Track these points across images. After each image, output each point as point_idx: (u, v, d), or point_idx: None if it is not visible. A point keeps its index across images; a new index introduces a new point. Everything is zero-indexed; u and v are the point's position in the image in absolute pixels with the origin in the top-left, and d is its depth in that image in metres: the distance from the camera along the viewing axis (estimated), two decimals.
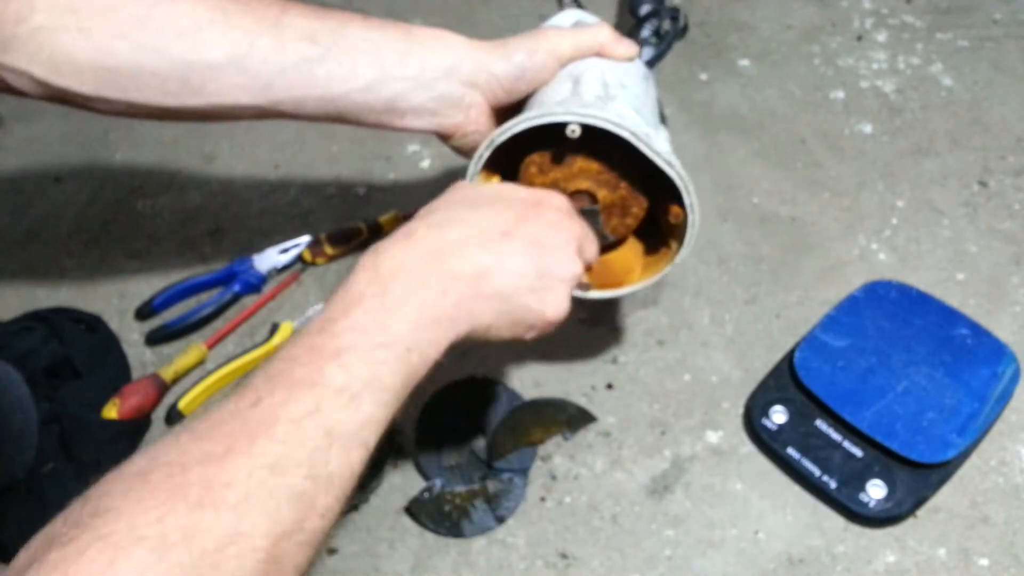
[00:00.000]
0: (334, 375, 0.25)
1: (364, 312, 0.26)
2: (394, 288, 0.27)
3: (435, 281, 0.28)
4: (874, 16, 0.68)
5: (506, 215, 0.30)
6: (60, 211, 0.59)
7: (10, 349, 0.46)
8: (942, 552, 0.40)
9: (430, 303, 0.27)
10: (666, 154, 0.33)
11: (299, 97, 0.34)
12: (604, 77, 0.36)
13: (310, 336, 0.26)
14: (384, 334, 0.26)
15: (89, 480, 0.45)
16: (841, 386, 0.44)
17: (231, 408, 0.24)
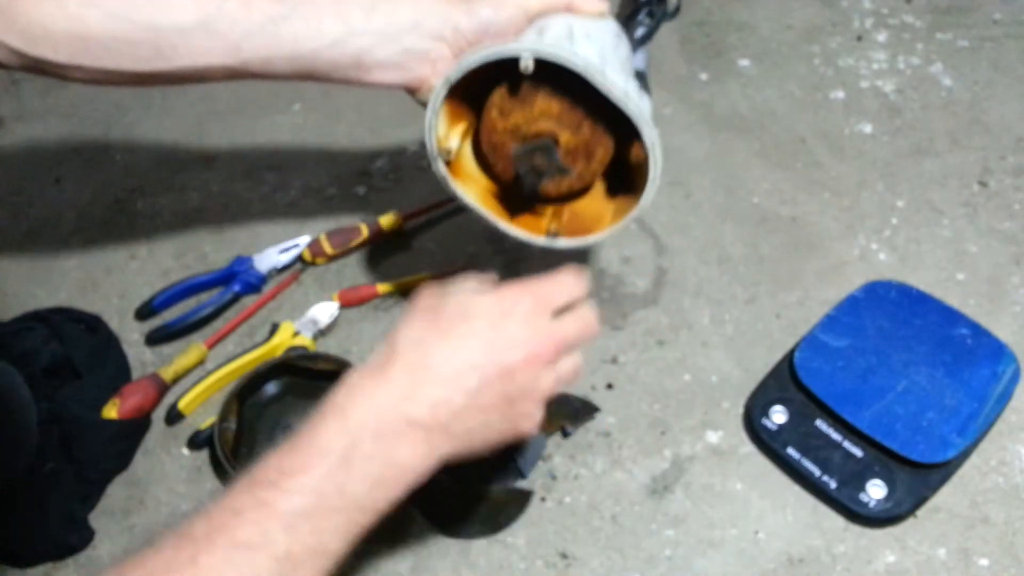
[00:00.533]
0: (279, 541, 0.24)
1: (327, 474, 0.25)
2: (362, 443, 0.26)
3: (406, 434, 0.27)
4: (874, 16, 0.68)
5: (475, 343, 0.28)
6: (60, 211, 0.59)
7: (10, 349, 0.46)
8: (942, 552, 0.40)
9: (397, 459, 0.27)
10: (620, 87, 0.32)
11: (267, 57, 0.35)
12: (571, 27, 0.35)
13: (263, 488, 0.25)
14: (341, 499, 0.25)
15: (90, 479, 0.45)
16: (841, 386, 0.44)
17: (167, 558, 0.23)
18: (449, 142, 0.37)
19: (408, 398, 0.27)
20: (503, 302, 0.29)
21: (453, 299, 0.30)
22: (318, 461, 0.25)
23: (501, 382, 0.28)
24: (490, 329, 0.29)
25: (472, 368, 0.28)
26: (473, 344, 0.28)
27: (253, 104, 0.64)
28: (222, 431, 0.43)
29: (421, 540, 0.42)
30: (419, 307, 0.30)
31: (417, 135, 0.62)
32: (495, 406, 0.28)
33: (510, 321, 0.29)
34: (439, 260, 0.54)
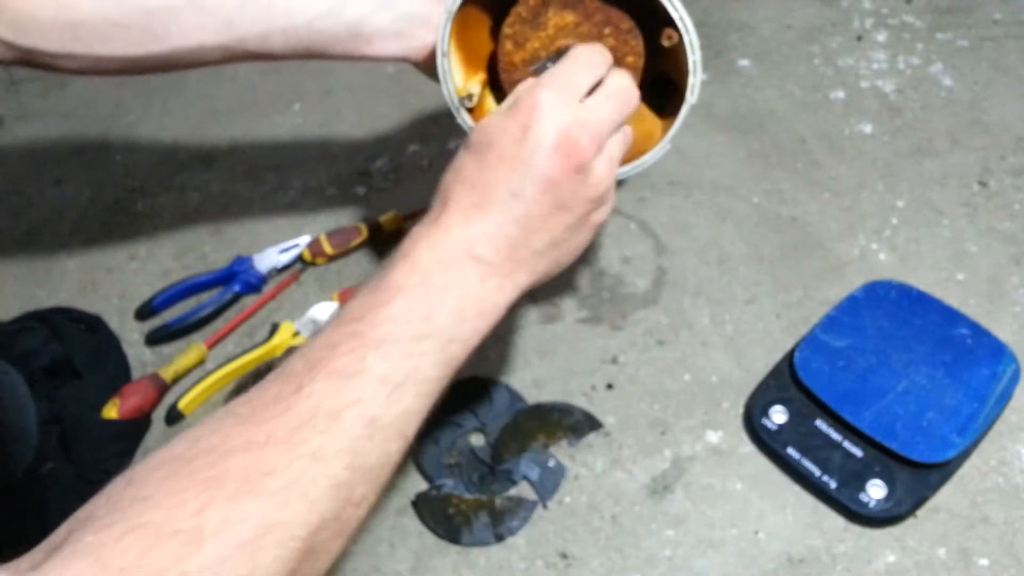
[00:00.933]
0: (376, 365, 0.24)
1: (406, 302, 0.25)
2: (433, 278, 0.26)
3: (474, 269, 0.27)
4: (874, 16, 0.68)
5: (505, 167, 0.27)
6: (60, 212, 0.59)
7: (10, 349, 0.46)
8: (942, 552, 0.40)
9: (472, 294, 0.27)
10: None
11: (262, 32, 0.34)
12: None
13: (350, 323, 0.25)
14: (426, 325, 0.25)
15: (90, 479, 0.45)
16: (841, 386, 0.44)
17: (274, 393, 0.24)
18: (469, 87, 0.34)
19: (466, 239, 0.27)
20: (520, 109, 0.27)
21: (479, 128, 0.28)
22: (395, 295, 0.25)
23: (548, 195, 0.27)
24: (515, 144, 0.27)
25: (512, 194, 0.27)
26: (503, 169, 0.27)
27: (253, 104, 0.64)
28: None
29: (421, 540, 0.42)
30: (464, 146, 0.29)
31: (416, 134, 0.62)
32: (554, 220, 0.28)
33: (534, 128, 0.27)
34: None
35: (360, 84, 0.65)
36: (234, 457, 0.22)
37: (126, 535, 0.20)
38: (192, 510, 0.21)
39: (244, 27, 0.34)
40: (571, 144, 0.27)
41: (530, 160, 0.27)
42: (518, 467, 0.43)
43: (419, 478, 0.44)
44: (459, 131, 0.62)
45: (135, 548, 0.20)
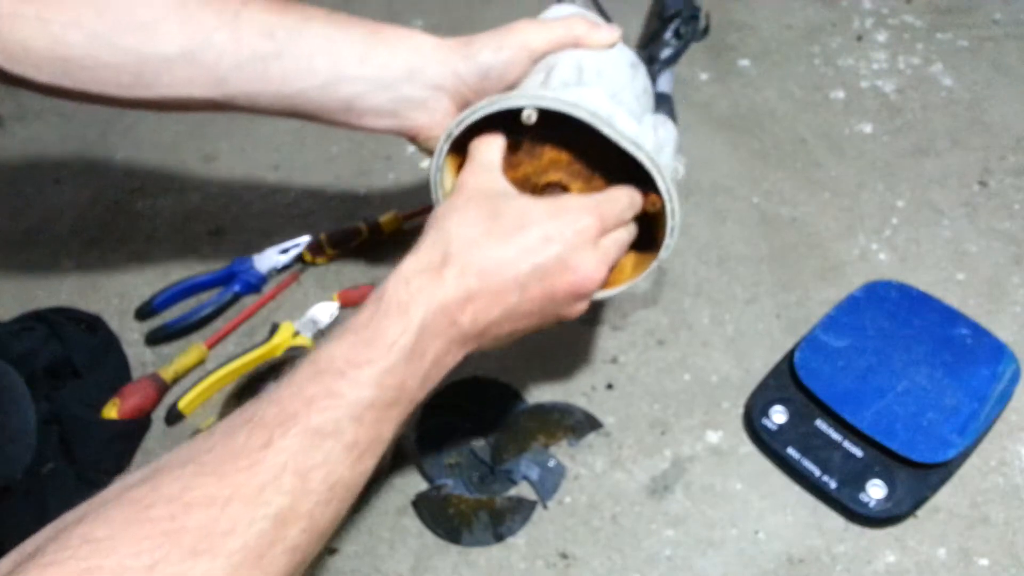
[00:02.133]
0: (348, 429, 0.25)
1: (390, 368, 0.26)
2: (419, 343, 0.27)
3: (453, 339, 0.28)
4: (874, 16, 0.68)
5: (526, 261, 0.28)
6: (60, 212, 0.59)
7: (10, 349, 0.46)
8: (942, 552, 0.40)
9: (442, 360, 0.28)
10: (632, 135, 0.30)
11: (253, 92, 0.34)
12: (580, 64, 0.34)
13: (331, 376, 0.25)
14: (399, 392, 0.26)
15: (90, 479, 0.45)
16: (841, 386, 0.44)
17: (241, 443, 0.24)
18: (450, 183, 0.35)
19: (458, 307, 0.27)
20: (563, 219, 0.29)
21: (513, 203, 0.29)
22: (384, 355, 0.26)
23: (541, 302, 0.29)
24: (543, 246, 0.28)
25: (518, 286, 0.28)
26: (524, 261, 0.28)
27: None
28: None
29: (421, 540, 0.42)
30: (474, 196, 0.29)
31: None
32: (529, 318, 0.29)
33: (565, 244, 0.29)
34: None
35: None
36: (195, 511, 0.22)
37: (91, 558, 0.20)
38: (145, 563, 0.20)
39: (236, 86, 0.34)
40: (587, 277, 0.30)
41: (549, 268, 0.29)
42: (518, 467, 0.43)
43: (419, 478, 0.44)
44: None
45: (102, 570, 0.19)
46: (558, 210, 0.29)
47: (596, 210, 0.30)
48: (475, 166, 0.31)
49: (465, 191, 0.30)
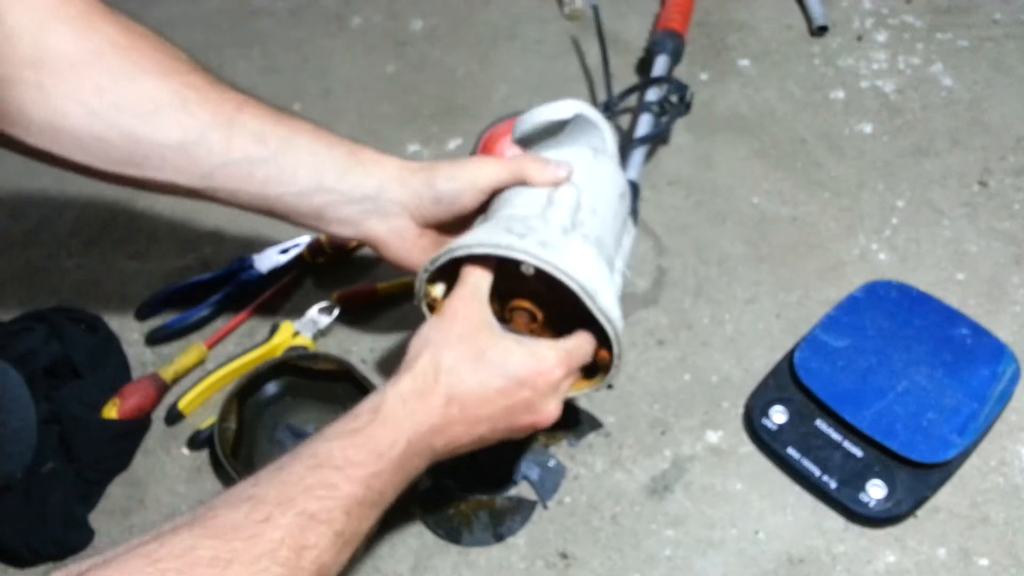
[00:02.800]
0: (338, 520, 0.28)
1: (377, 473, 0.30)
2: (402, 457, 0.31)
3: (428, 457, 0.32)
4: (874, 16, 0.68)
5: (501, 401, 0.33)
6: (60, 212, 0.59)
7: (10, 349, 0.46)
8: (942, 552, 0.40)
9: (415, 472, 0.32)
10: (608, 310, 0.34)
11: (235, 189, 0.36)
12: (579, 200, 0.37)
13: (329, 469, 0.29)
14: (381, 495, 0.30)
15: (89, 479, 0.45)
16: (841, 386, 0.44)
17: (244, 513, 0.27)
18: (435, 291, 0.38)
19: (439, 431, 0.32)
20: (538, 369, 0.33)
21: (498, 343, 0.33)
22: (375, 461, 0.30)
23: (503, 432, 0.34)
24: (518, 390, 0.33)
25: (490, 420, 0.33)
26: (499, 401, 0.33)
27: None
28: (222, 431, 0.43)
29: (421, 540, 0.42)
30: (465, 329, 0.33)
31: (416, 134, 0.62)
32: (485, 442, 0.34)
33: (536, 391, 0.33)
34: None
35: (360, 84, 0.65)
36: (200, 569, 0.24)
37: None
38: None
39: (220, 182, 0.36)
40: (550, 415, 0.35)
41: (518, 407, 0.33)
42: (518, 467, 0.43)
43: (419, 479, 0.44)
44: (458, 130, 0.62)
45: None
46: (536, 360, 0.33)
47: (566, 362, 0.34)
48: (467, 294, 0.34)
49: (458, 320, 0.33)
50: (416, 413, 0.31)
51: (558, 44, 0.67)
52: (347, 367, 0.46)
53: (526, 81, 0.64)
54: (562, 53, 0.66)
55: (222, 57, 0.68)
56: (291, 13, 0.71)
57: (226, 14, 0.72)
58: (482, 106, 0.62)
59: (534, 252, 0.33)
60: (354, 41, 0.69)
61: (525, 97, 0.63)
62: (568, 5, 0.69)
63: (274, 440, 0.45)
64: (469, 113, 0.62)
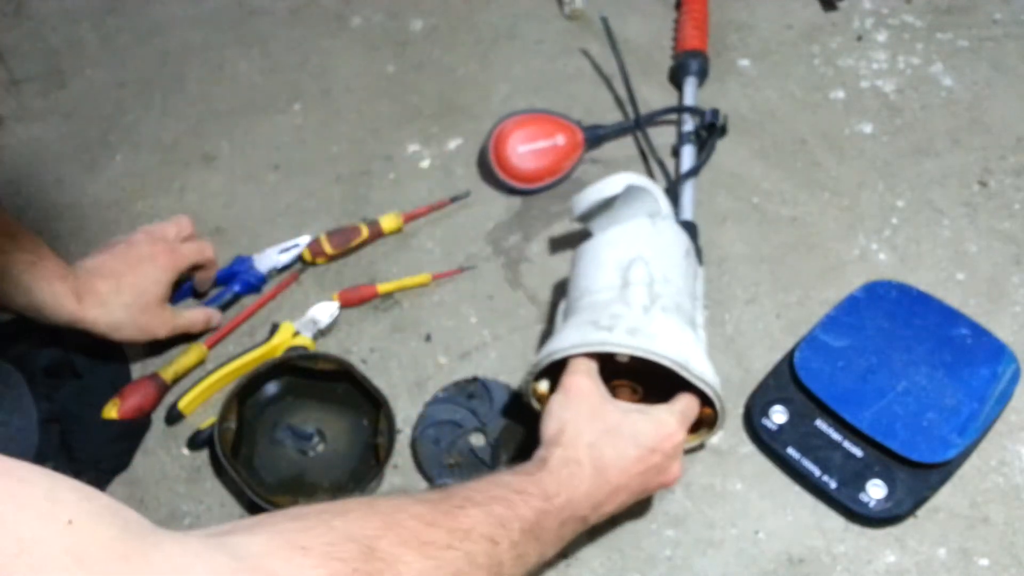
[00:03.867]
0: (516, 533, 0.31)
1: (545, 510, 0.33)
2: (566, 508, 0.34)
3: (581, 523, 0.36)
4: (874, 16, 0.68)
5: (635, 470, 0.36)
6: (61, 212, 0.59)
7: (10, 349, 0.46)
8: (942, 552, 0.40)
9: (569, 536, 0.35)
10: (701, 373, 0.37)
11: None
12: (651, 273, 0.40)
13: (508, 490, 0.32)
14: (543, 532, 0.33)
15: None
16: (841, 386, 0.44)
17: (439, 498, 0.30)
18: (541, 388, 0.41)
19: (591, 498, 0.35)
20: (661, 434, 0.37)
21: (625, 417, 0.37)
22: (544, 500, 0.33)
23: (636, 495, 0.38)
24: (650, 455, 0.37)
25: (628, 487, 0.37)
26: (635, 468, 0.36)
27: (253, 104, 0.65)
28: (222, 431, 0.43)
29: None
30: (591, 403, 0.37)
31: (416, 134, 0.62)
32: (619, 508, 0.37)
33: (664, 455, 0.37)
34: (438, 260, 0.54)
35: (360, 84, 0.65)
36: (410, 519, 0.28)
37: (312, 528, 0.25)
38: (370, 534, 0.26)
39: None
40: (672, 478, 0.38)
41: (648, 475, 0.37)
42: None
43: (419, 478, 0.44)
44: (458, 130, 0.62)
45: (320, 537, 0.24)
46: (660, 426, 0.37)
47: (683, 423, 0.38)
48: (582, 378, 0.38)
49: (583, 399, 0.37)
50: (574, 476, 0.34)
51: (558, 44, 0.67)
52: (347, 367, 0.46)
53: (526, 81, 0.64)
54: (562, 53, 0.66)
55: (222, 57, 0.68)
56: (291, 13, 0.71)
57: (226, 14, 0.72)
58: (482, 106, 0.62)
59: (626, 343, 0.37)
60: (354, 41, 0.69)
61: (525, 97, 0.63)
62: (568, 5, 0.69)
63: (274, 440, 0.45)
64: (469, 113, 0.62)
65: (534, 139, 0.55)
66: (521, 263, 0.54)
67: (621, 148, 0.60)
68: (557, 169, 0.56)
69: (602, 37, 0.67)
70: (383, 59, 0.67)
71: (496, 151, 0.56)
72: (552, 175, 0.56)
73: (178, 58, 0.68)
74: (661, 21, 0.68)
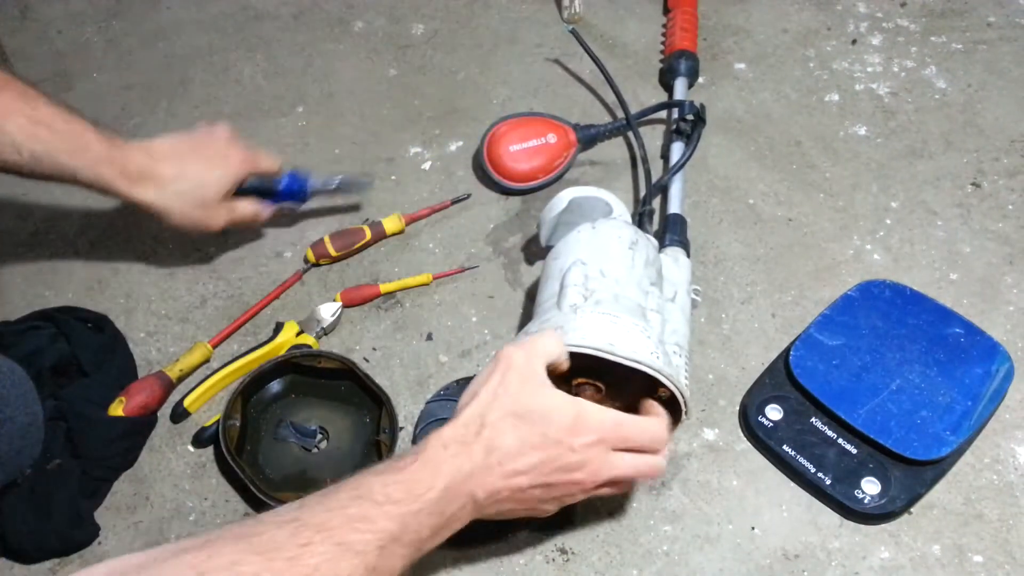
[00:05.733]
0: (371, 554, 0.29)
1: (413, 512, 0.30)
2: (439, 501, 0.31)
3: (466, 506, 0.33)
4: (868, 20, 0.69)
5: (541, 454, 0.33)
6: (66, 212, 0.59)
7: (17, 348, 0.47)
8: (936, 549, 0.41)
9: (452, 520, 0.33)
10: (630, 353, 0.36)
11: None
12: (586, 273, 0.40)
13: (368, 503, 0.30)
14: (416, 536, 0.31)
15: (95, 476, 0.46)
16: (836, 384, 0.44)
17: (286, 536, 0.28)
18: None
19: (478, 480, 0.32)
20: (580, 427, 0.34)
21: (548, 400, 0.34)
22: (411, 501, 0.31)
23: (544, 490, 0.34)
24: (558, 444, 0.33)
25: (529, 472, 0.33)
26: (533, 455, 0.33)
27: (257, 107, 0.65)
28: (226, 428, 0.44)
29: None
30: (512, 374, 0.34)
31: (417, 136, 0.63)
32: (527, 502, 0.34)
33: (578, 447, 0.34)
34: (440, 260, 0.55)
35: (362, 87, 0.66)
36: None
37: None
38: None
39: None
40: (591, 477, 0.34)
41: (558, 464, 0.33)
42: None
43: None
44: (459, 133, 0.63)
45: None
46: (577, 420, 0.34)
47: (612, 430, 0.34)
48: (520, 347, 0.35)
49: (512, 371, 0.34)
50: (456, 458, 0.32)
51: (558, 48, 0.68)
52: (350, 365, 0.46)
53: (526, 84, 0.65)
54: (562, 57, 0.67)
55: (226, 61, 0.69)
56: (294, 17, 0.72)
57: (230, 18, 0.73)
58: (482, 109, 0.63)
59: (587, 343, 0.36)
60: (356, 45, 0.69)
61: (525, 100, 0.64)
62: (567, 9, 0.70)
63: (278, 437, 0.46)
64: (470, 116, 0.63)
65: (526, 138, 0.56)
66: (521, 263, 0.54)
67: (617, 149, 0.61)
68: (549, 167, 0.57)
69: (601, 41, 0.68)
70: (385, 63, 0.68)
71: (489, 151, 0.56)
72: (545, 173, 0.57)
73: (183, 62, 0.69)
74: (657, 26, 0.69)
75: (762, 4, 0.70)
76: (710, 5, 0.70)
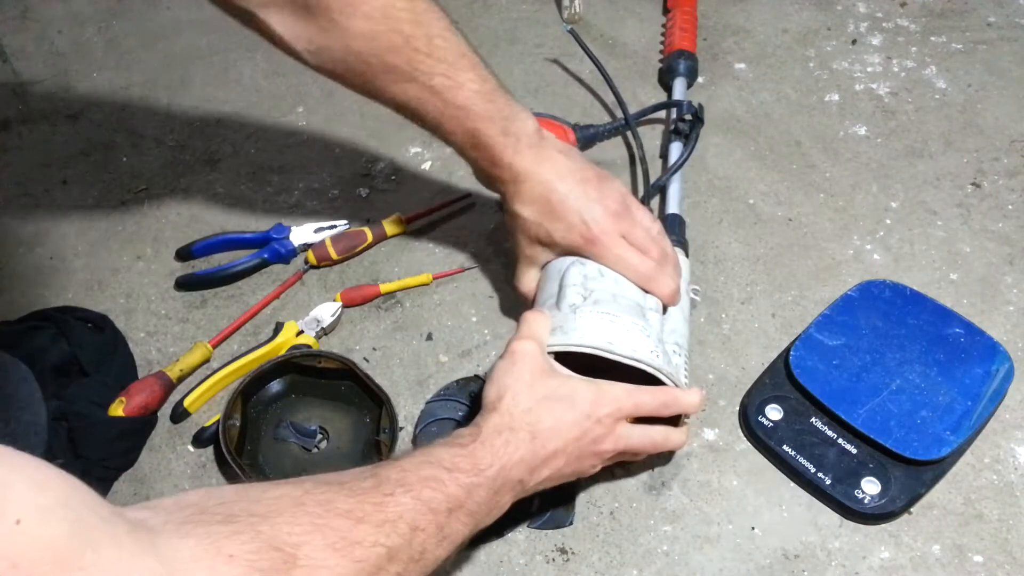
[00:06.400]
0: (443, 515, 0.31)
1: (477, 484, 0.33)
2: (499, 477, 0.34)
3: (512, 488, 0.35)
4: (869, 20, 0.69)
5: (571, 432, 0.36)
6: (67, 213, 0.59)
7: (18, 348, 0.47)
8: (936, 549, 0.41)
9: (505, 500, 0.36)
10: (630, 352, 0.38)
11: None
12: (584, 273, 0.41)
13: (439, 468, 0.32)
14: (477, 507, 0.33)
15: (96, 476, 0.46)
16: (836, 384, 0.44)
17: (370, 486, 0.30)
18: None
19: (527, 464, 0.35)
20: (602, 401, 0.37)
21: (567, 382, 0.37)
22: (476, 473, 0.33)
23: (573, 463, 0.37)
24: (587, 419, 0.37)
25: (565, 452, 0.37)
26: (570, 432, 0.37)
27: (257, 107, 0.65)
28: (227, 428, 0.44)
29: None
30: (533, 368, 0.37)
31: (417, 136, 0.63)
32: (559, 476, 0.38)
33: (603, 418, 0.37)
34: (440, 260, 0.55)
35: None
36: (338, 518, 0.28)
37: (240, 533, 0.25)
38: (296, 540, 0.26)
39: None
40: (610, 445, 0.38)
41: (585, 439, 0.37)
42: None
43: None
44: None
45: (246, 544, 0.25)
46: (599, 393, 0.37)
47: (629, 397, 0.38)
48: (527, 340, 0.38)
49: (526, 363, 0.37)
50: (508, 444, 0.35)
51: (558, 48, 0.68)
52: (350, 365, 0.46)
53: (526, 84, 0.65)
54: (561, 57, 0.67)
55: (227, 61, 0.69)
56: None
57: (230, 18, 0.73)
58: None
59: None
60: None
61: (525, 100, 0.64)
62: (567, 9, 0.70)
63: (278, 437, 0.46)
64: None
65: None
66: None
67: (617, 149, 0.61)
68: None
69: (601, 41, 0.68)
70: None
71: None
72: None
73: (183, 62, 0.69)
74: (657, 25, 0.69)
75: (762, 4, 0.70)
76: (710, 5, 0.70)
